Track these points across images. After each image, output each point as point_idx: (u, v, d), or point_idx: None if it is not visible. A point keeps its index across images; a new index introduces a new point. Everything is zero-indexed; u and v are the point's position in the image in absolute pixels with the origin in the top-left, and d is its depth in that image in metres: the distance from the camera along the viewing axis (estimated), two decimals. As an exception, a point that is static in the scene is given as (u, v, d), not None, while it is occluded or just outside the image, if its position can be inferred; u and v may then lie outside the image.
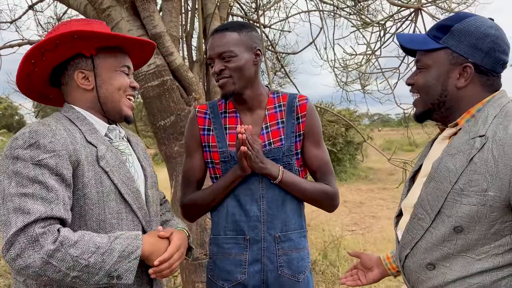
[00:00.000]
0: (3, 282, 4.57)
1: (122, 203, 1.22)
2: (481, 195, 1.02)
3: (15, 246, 1.00)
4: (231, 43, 1.47)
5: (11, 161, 1.09)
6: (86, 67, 1.27)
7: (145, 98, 2.54)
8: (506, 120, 1.04)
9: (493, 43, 1.09)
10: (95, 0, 2.55)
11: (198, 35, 3.18)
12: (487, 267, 1.05)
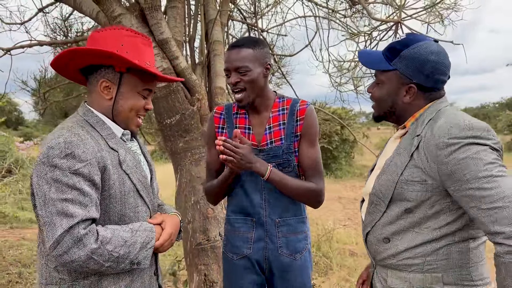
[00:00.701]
0: (14, 270, 4.80)
1: (138, 198, 1.43)
2: (422, 183, 1.28)
3: (62, 245, 1.19)
4: (247, 59, 1.69)
5: (49, 169, 1.23)
6: (112, 79, 1.40)
7: (152, 98, 2.77)
8: (435, 122, 1.30)
9: (433, 68, 1.34)
10: (107, 8, 2.77)
11: (200, 39, 3.41)
12: (428, 239, 1.31)
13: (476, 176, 1.17)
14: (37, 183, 1.24)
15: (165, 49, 2.78)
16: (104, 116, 1.43)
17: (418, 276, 1.33)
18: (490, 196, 1.15)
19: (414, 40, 1.39)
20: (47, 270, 1.32)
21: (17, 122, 27.98)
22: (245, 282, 1.81)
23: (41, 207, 1.22)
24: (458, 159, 1.19)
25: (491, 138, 1.21)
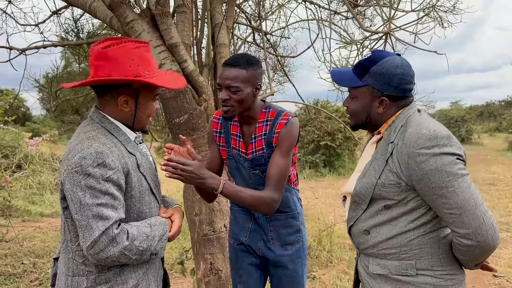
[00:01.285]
0: (28, 260, 5.03)
1: (151, 196, 1.62)
2: (397, 186, 1.47)
3: (99, 244, 1.36)
4: (239, 79, 1.79)
5: (83, 177, 1.37)
6: (130, 94, 1.55)
7: (162, 99, 2.96)
8: (405, 129, 1.48)
9: (400, 80, 1.53)
10: (121, 14, 2.96)
11: (207, 42, 3.59)
12: (403, 231, 1.50)
13: (440, 186, 1.38)
14: (71, 190, 1.39)
15: (174, 53, 2.96)
16: (120, 123, 1.59)
17: (395, 263, 1.53)
18: (449, 204, 1.38)
19: (380, 56, 1.57)
20: (74, 264, 1.49)
21: (24, 118, 28.29)
22: (245, 264, 2.05)
23: (77, 211, 1.38)
24: (426, 169, 1.39)
25: (452, 144, 1.40)
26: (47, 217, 7.55)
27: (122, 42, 1.52)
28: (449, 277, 1.49)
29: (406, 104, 1.58)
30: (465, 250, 1.42)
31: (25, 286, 4.28)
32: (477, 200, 1.37)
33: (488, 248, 1.38)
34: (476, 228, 1.36)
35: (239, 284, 2.09)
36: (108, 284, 1.48)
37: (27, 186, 9.13)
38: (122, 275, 1.50)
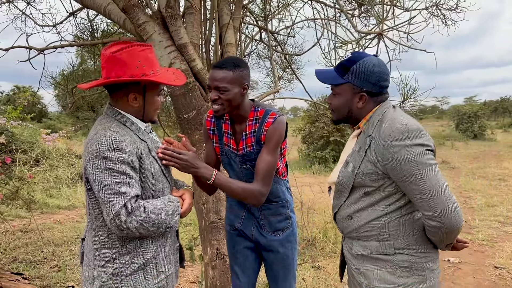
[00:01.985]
0: (48, 249, 5.31)
1: (163, 177, 1.83)
2: (375, 174, 1.65)
3: (120, 217, 1.57)
4: (226, 80, 1.93)
5: (102, 160, 1.58)
6: (138, 91, 1.77)
7: (172, 96, 3.16)
8: (381, 124, 1.65)
9: (377, 77, 1.71)
10: (133, 16, 3.16)
11: (215, 42, 3.78)
12: (381, 214, 1.68)
13: (410, 174, 1.55)
14: (93, 173, 1.60)
15: (183, 52, 3.16)
16: (131, 116, 1.80)
17: (375, 244, 1.71)
18: (418, 190, 1.56)
19: (359, 57, 1.75)
20: (99, 239, 1.71)
21: (41, 114, 28.87)
22: (240, 247, 2.25)
23: (99, 190, 1.59)
24: (398, 159, 1.56)
25: (422, 136, 1.58)
26: (64, 209, 7.86)
27: (129, 46, 1.73)
28: (423, 255, 1.67)
29: (382, 100, 1.76)
30: (433, 231, 1.60)
31: (45, 271, 4.56)
32: (443, 187, 1.54)
33: (452, 229, 1.56)
34: (441, 211, 1.53)
35: (236, 266, 2.28)
36: (129, 255, 1.69)
37: (44, 180, 9.47)
38: (142, 247, 1.71)
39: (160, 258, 1.76)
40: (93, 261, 1.72)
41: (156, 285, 1.73)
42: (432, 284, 1.68)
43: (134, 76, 1.70)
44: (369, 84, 1.72)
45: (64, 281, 4.34)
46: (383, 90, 1.75)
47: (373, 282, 1.70)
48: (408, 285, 1.65)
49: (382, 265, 1.69)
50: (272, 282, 2.26)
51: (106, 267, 1.68)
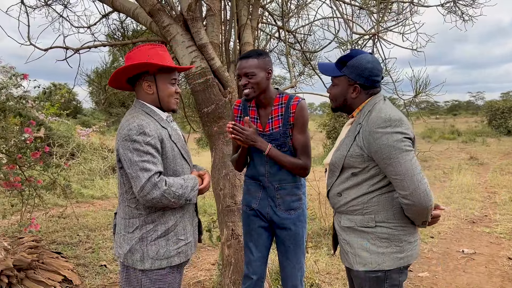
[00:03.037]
0: (82, 233, 5.75)
1: (183, 159, 2.13)
2: (361, 156, 1.89)
3: (145, 189, 1.86)
4: (253, 66, 2.30)
5: (131, 143, 1.88)
6: (150, 79, 2.05)
7: (193, 91, 3.46)
8: (370, 114, 1.89)
9: (369, 72, 1.94)
10: (158, 19, 3.48)
11: (234, 41, 4.06)
12: (365, 192, 1.93)
13: (388, 157, 1.80)
14: (123, 153, 1.92)
15: (203, 52, 3.45)
16: (153, 106, 2.10)
17: (359, 217, 1.95)
18: (394, 171, 1.80)
19: (356, 53, 2.00)
20: (129, 209, 2.03)
21: (75, 110, 30.01)
22: (255, 226, 2.50)
23: (129, 167, 1.91)
24: (380, 144, 1.81)
25: (401, 126, 1.81)
26: (97, 199, 8.37)
27: (140, 46, 2.09)
28: (400, 228, 1.90)
29: (375, 93, 2.00)
30: (407, 208, 1.83)
31: (81, 252, 5.00)
32: (415, 171, 1.77)
33: (421, 206, 1.79)
34: (412, 191, 1.77)
35: (250, 243, 2.55)
36: (154, 224, 2.00)
37: (79, 172, 10.05)
38: (164, 217, 2.02)
39: (180, 228, 2.07)
40: (123, 229, 2.05)
41: (176, 250, 2.04)
42: (409, 255, 1.92)
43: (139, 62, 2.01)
44: (362, 78, 1.96)
45: (97, 260, 4.77)
46: (375, 84, 1.98)
47: (357, 251, 1.95)
48: (386, 254, 1.90)
49: (365, 236, 1.93)
50: (283, 257, 2.51)
51: (134, 233, 2.00)
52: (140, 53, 2.05)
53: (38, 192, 4.38)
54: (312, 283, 3.83)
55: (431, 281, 4.31)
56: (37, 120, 4.05)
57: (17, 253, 3.98)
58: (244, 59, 2.34)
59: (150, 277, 2.01)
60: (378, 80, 1.98)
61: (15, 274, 3.82)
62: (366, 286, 1.96)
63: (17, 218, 5.49)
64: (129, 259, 2.01)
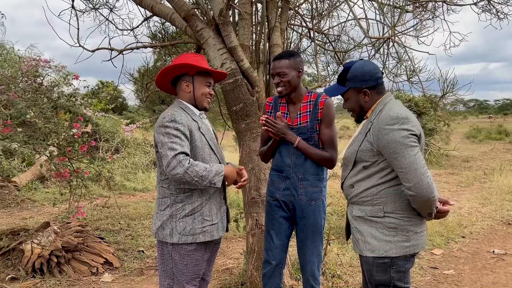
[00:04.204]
0: (124, 222, 6.18)
1: (210, 149, 2.39)
2: (371, 151, 2.06)
3: (171, 165, 2.15)
4: (285, 66, 2.57)
5: (163, 128, 2.20)
6: (188, 80, 2.40)
7: (223, 91, 3.71)
8: (381, 112, 2.05)
9: (369, 74, 2.12)
10: (192, 24, 3.75)
11: (264, 42, 4.27)
12: (375, 184, 2.09)
13: (395, 152, 1.96)
14: (157, 137, 2.24)
15: (233, 54, 3.69)
16: (188, 104, 2.41)
17: (369, 208, 2.12)
18: (399, 165, 1.96)
19: (349, 65, 2.19)
20: (162, 190, 2.34)
21: (121, 107, 31.24)
22: (277, 216, 2.70)
23: (160, 147, 2.22)
24: (387, 139, 1.97)
25: (408, 123, 1.97)
26: (139, 191, 8.86)
27: (185, 54, 2.45)
28: (407, 219, 2.05)
29: (383, 91, 2.17)
30: (411, 200, 1.98)
31: (121, 239, 5.41)
32: (419, 164, 1.92)
33: (424, 198, 1.93)
34: (415, 183, 1.91)
35: (272, 231, 2.75)
36: (182, 203, 2.28)
37: (123, 166, 10.61)
38: (191, 198, 2.29)
39: (206, 209, 2.32)
40: (157, 207, 2.35)
41: (201, 229, 2.30)
42: (415, 244, 2.06)
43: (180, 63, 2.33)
44: (366, 82, 2.13)
45: (136, 246, 5.16)
46: (378, 81, 2.15)
47: (366, 238, 2.12)
48: (393, 242, 2.05)
49: (374, 225, 2.10)
50: (302, 244, 2.70)
51: (165, 211, 2.30)
52: (184, 58, 2.40)
53: (85, 183, 4.79)
54: (333, 274, 3.99)
55: (456, 278, 4.34)
56: (85, 116, 4.43)
57: (65, 236, 4.41)
58: (277, 60, 2.61)
59: (179, 251, 2.28)
60: (379, 77, 2.15)
61: (63, 255, 4.24)
62: (374, 271, 2.12)
63: (65, 206, 5.98)
64: (160, 234, 2.30)
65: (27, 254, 4.17)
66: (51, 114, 4.10)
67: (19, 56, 12.22)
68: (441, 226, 6.16)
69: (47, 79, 4.99)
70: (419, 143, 2.01)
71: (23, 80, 4.74)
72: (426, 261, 4.85)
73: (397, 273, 2.08)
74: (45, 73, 5.24)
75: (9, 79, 4.52)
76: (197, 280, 2.37)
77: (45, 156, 4.12)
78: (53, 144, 4.40)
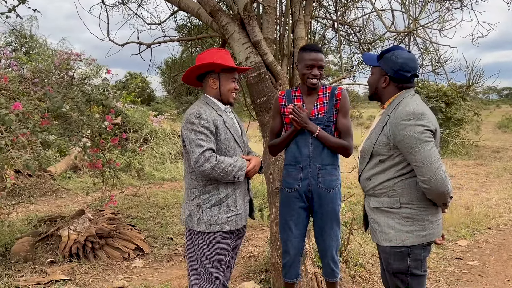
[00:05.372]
0: (153, 210, 6.41)
1: (235, 143, 2.50)
2: (387, 145, 2.12)
3: (199, 161, 2.28)
4: (323, 60, 2.69)
5: (190, 124, 2.31)
6: (215, 77, 2.49)
7: (248, 84, 3.81)
8: (398, 107, 2.10)
9: (399, 67, 2.14)
10: (218, 18, 3.86)
11: (288, 35, 4.34)
12: (391, 177, 2.15)
13: (410, 146, 2.02)
14: (184, 133, 2.36)
15: (257, 48, 3.77)
16: (214, 99, 2.51)
17: (386, 199, 2.19)
18: (415, 159, 2.02)
19: (394, 49, 2.22)
20: (190, 181, 2.46)
21: (149, 99, 31.80)
22: (296, 206, 2.79)
23: (187, 144, 2.34)
24: (403, 134, 2.03)
25: (424, 119, 2.01)
26: (167, 181, 9.12)
27: (209, 49, 2.54)
28: (423, 209, 2.12)
29: (406, 87, 2.21)
30: (426, 192, 2.04)
31: (151, 226, 5.64)
32: (434, 159, 1.98)
33: (438, 191, 1.99)
34: (429, 177, 1.98)
35: (290, 222, 2.83)
36: (209, 194, 2.41)
37: (152, 156, 10.91)
38: (218, 189, 2.41)
39: (231, 200, 2.44)
40: (186, 197, 2.49)
41: (227, 219, 2.42)
42: (431, 233, 2.13)
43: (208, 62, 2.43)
44: (391, 70, 2.17)
45: (165, 234, 5.38)
46: (403, 78, 2.17)
47: (383, 228, 2.20)
48: (410, 232, 2.13)
49: (391, 216, 2.17)
50: (321, 230, 2.79)
51: (193, 201, 2.43)
52: (209, 55, 2.49)
53: (116, 173, 5.01)
54: (356, 263, 4.08)
55: (480, 269, 4.35)
56: (116, 109, 4.62)
57: (98, 223, 4.65)
58: (316, 52, 2.68)
59: (205, 239, 2.42)
60: (407, 76, 2.17)
61: (97, 241, 4.48)
62: (391, 260, 2.20)
63: (98, 195, 6.26)
64: (189, 222, 2.44)
65: (64, 240, 4.43)
66: (85, 107, 4.30)
67: (52, 50, 12.63)
68: (467, 217, 6.12)
69: (78, 72, 5.21)
70: (435, 138, 2.07)
71: (56, 73, 4.95)
72: (450, 252, 4.86)
73: (414, 261, 2.16)
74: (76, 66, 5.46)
75: (43, 73, 4.74)
76: (223, 267, 2.50)
77: (79, 148, 4.34)
78: (87, 136, 4.62)
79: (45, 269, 4.11)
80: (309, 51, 2.68)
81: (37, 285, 3.78)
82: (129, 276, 4.12)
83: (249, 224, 5.76)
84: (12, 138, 2.94)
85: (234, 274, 3.85)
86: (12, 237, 4.71)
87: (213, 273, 2.46)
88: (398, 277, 2.21)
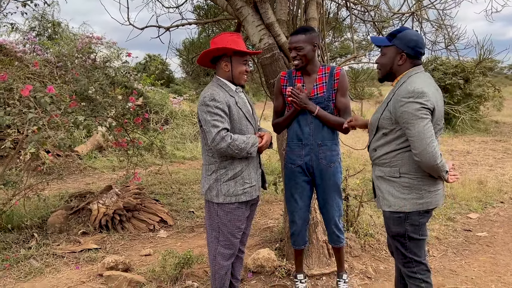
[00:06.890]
0: (175, 186, 6.72)
1: (247, 121, 2.70)
2: (390, 119, 2.30)
3: (215, 140, 2.47)
4: (301, 41, 2.79)
5: (205, 106, 2.48)
6: (227, 60, 2.63)
7: (262, 65, 3.99)
8: (403, 85, 2.27)
9: (415, 44, 2.30)
10: (232, 2, 4.03)
11: (300, 16, 4.49)
12: (393, 149, 2.35)
13: (407, 121, 2.20)
14: (200, 114, 2.56)
15: (270, 29, 3.94)
16: (226, 81, 2.69)
17: (388, 169, 2.39)
18: (410, 134, 2.20)
19: (404, 28, 2.39)
20: (207, 157, 2.68)
21: (168, 80, 32.10)
22: (300, 180, 3.00)
23: (204, 124, 2.54)
24: (402, 110, 2.21)
25: (422, 98, 2.17)
26: (188, 160, 9.45)
27: (222, 34, 2.70)
28: (420, 179, 2.31)
29: (416, 64, 2.37)
30: (419, 165, 2.23)
31: (174, 201, 5.98)
32: (426, 135, 2.16)
33: (429, 164, 2.18)
34: (421, 151, 2.17)
35: (296, 194, 3.04)
36: (225, 169, 2.62)
37: (172, 136, 11.24)
38: (233, 164, 2.63)
39: (246, 174, 2.67)
40: (205, 172, 2.72)
41: (242, 190, 2.66)
42: (428, 201, 2.33)
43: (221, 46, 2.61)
44: (408, 48, 2.33)
45: (187, 208, 5.71)
46: (417, 55, 2.34)
47: (385, 195, 2.41)
48: (407, 199, 2.34)
49: (391, 184, 2.38)
50: (325, 202, 3.00)
51: (212, 175, 2.66)
52: (222, 40, 2.65)
53: (140, 151, 5.31)
54: (366, 233, 4.30)
55: (488, 240, 4.52)
56: (138, 90, 4.88)
57: (125, 197, 4.99)
58: (294, 35, 2.82)
59: (224, 209, 2.66)
60: (421, 52, 2.34)
61: (125, 214, 4.83)
62: (390, 223, 2.43)
63: (123, 173, 6.62)
64: (208, 195, 2.69)
65: (94, 213, 4.79)
66: (109, 89, 4.58)
67: (73, 34, 12.96)
68: (480, 192, 6.24)
69: (100, 55, 5.47)
70: (433, 115, 2.23)
71: (78, 57, 5.21)
72: (460, 224, 5.03)
73: (411, 226, 2.37)
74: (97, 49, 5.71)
75: (66, 57, 5.02)
76: (239, 234, 2.76)
77: (104, 128, 4.63)
78: (111, 117, 4.91)
79: (78, 239, 4.48)
80: (290, 36, 2.82)
81: (72, 252, 4.15)
82: (155, 246, 4.45)
83: (265, 198, 6.05)
84: (47, 118, 3.23)
85: (251, 243, 4.14)
86: (47, 211, 5.10)
87: (230, 239, 2.71)
88: (398, 240, 2.43)
